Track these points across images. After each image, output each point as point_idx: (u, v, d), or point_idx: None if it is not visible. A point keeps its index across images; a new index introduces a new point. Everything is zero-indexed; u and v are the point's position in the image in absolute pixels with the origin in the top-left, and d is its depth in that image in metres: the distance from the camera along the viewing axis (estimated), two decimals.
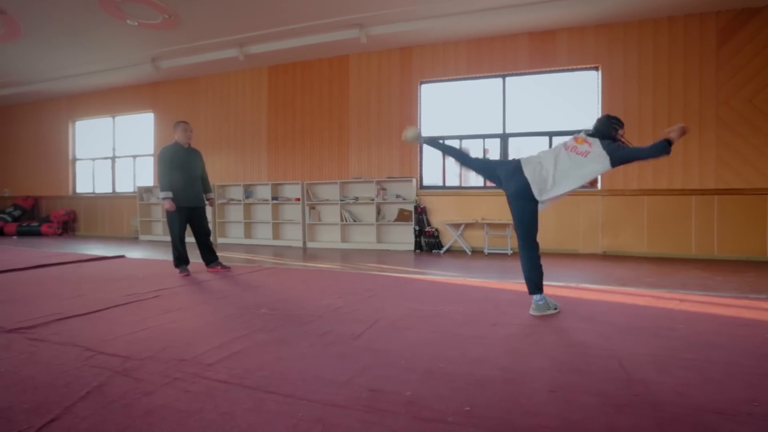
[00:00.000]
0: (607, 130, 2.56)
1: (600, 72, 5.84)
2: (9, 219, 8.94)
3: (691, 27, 5.45)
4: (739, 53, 5.30)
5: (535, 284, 2.51)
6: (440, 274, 4.09)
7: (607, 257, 5.55)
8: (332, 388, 1.48)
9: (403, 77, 6.63)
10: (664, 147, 2.26)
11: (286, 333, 2.13)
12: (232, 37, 6.39)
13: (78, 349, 1.86)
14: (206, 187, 4.23)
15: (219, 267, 4.12)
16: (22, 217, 9.19)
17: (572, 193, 5.87)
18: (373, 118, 6.79)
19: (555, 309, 2.55)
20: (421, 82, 6.60)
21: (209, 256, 4.15)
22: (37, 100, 9.51)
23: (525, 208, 2.50)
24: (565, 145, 2.58)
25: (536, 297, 2.51)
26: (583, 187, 3.02)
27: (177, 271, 3.96)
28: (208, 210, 4.37)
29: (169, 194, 3.81)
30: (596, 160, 2.43)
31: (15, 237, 8.42)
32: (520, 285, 3.30)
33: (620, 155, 2.41)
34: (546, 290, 2.58)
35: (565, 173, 2.46)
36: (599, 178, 5.76)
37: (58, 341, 1.98)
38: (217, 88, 7.86)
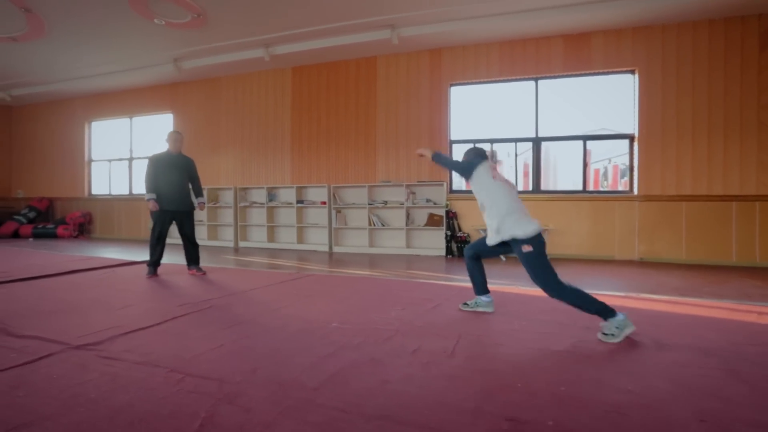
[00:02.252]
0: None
1: (637, 75, 5.73)
2: (24, 221, 8.79)
3: (732, 30, 5.35)
4: None
5: (600, 312, 2.17)
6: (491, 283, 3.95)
7: (644, 264, 5.42)
8: (465, 417, 1.35)
9: (432, 79, 6.52)
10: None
11: (373, 351, 2.00)
12: (258, 37, 6.27)
13: (161, 370, 1.72)
14: (197, 192, 4.45)
15: (195, 270, 4.30)
16: (36, 218, 9.04)
17: (606, 198, 5.82)
18: (401, 121, 6.67)
19: (629, 327, 2.15)
20: (451, 85, 6.49)
21: (190, 258, 4.33)
22: (52, 100, 9.37)
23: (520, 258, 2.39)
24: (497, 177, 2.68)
25: (611, 321, 2.16)
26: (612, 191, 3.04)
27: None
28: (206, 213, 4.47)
29: (153, 195, 4.07)
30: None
31: (31, 239, 8.27)
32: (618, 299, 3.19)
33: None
34: (607, 300, 2.39)
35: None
36: (627, 182, 5.65)
37: (134, 360, 1.84)
38: (239, 89, 7.74)
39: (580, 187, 6.10)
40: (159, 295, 3.26)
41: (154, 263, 4.18)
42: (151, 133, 8.68)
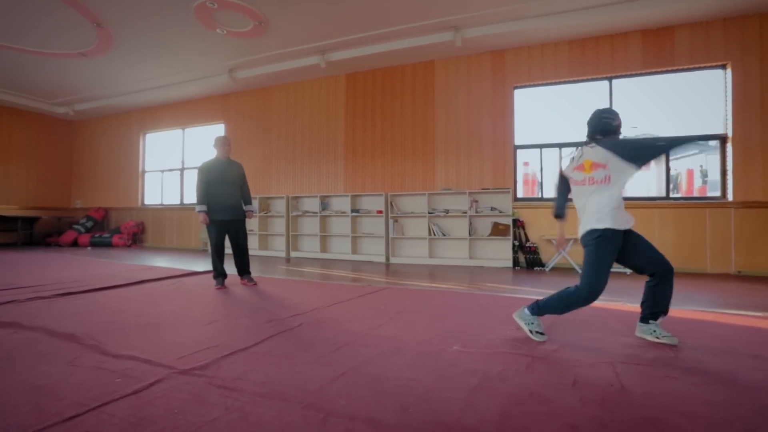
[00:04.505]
0: (604, 126, 2.23)
1: (729, 70, 5.20)
2: (82, 230, 9.05)
3: None
4: None
5: (544, 307, 2.27)
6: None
7: (743, 278, 4.81)
8: None
9: (495, 82, 6.20)
10: (683, 144, 2.11)
11: (524, 382, 1.66)
12: (315, 44, 6.19)
13: (295, 407, 1.45)
14: (246, 199, 4.20)
15: (246, 280, 4.12)
16: (93, 228, 9.30)
17: (695, 205, 5.25)
18: (462, 126, 6.37)
19: (537, 332, 2.27)
20: (515, 87, 6.14)
21: (242, 268, 4.16)
22: (110, 113, 9.71)
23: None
24: (571, 181, 2.33)
25: (530, 309, 2.32)
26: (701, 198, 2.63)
27: (214, 283, 4.01)
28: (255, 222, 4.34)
29: (204, 207, 3.90)
30: (621, 177, 2.10)
31: (89, 248, 8.47)
32: (707, 314, 2.75)
33: (642, 155, 2.07)
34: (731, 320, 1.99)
35: (589, 209, 2.21)
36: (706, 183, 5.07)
37: (254, 391, 1.59)
38: (290, 97, 7.69)
39: (661, 194, 5.56)
40: (240, 310, 3.06)
41: (221, 274, 4.02)
42: (203, 144, 8.78)
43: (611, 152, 2.09)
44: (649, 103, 5.70)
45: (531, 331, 2.27)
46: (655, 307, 2.20)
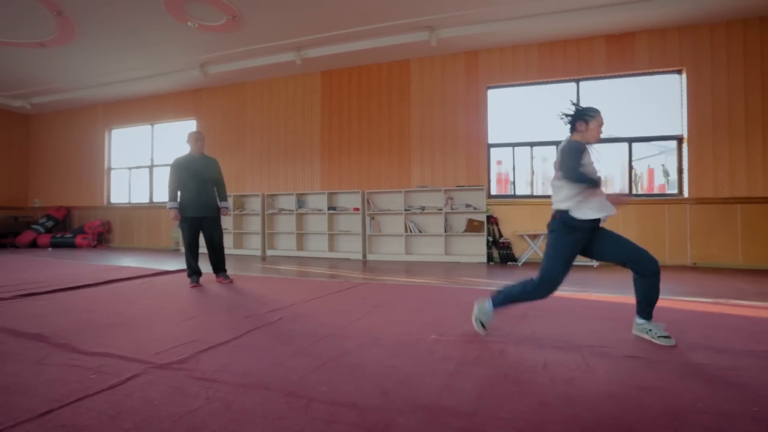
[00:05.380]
0: (572, 121, 2.25)
1: (684, 75, 5.55)
2: (42, 230, 8.58)
3: None
4: None
5: (502, 298, 2.21)
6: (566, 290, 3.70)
7: (698, 269, 5.16)
8: None
9: (469, 82, 6.35)
10: (582, 179, 2.01)
11: (499, 366, 1.75)
12: (291, 40, 6.13)
13: (277, 394, 1.47)
14: (221, 196, 4.12)
15: (222, 278, 4.05)
16: (54, 228, 8.83)
17: (655, 202, 5.58)
18: (437, 125, 6.48)
19: (483, 327, 2.24)
20: (488, 87, 6.32)
21: (217, 266, 4.08)
22: (72, 108, 9.25)
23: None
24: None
25: (487, 302, 2.24)
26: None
27: (189, 281, 3.91)
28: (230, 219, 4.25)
29: (175, 204, 3.85)
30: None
31: (50, 249, 8.04)
32: (669, 302, 2.96)
33: (564, 167, 2.08)
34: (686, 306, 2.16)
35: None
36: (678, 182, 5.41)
37: (236, 382, 1.59)
38: (265, 94, 7.58)
39: (624, 191, 5.87)
40: (217, 307, 3.02)
41: (195, 272, 3.93)
42: (173, 140, 8.51)
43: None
44: (614, 105, 6.00)
45: (483, 323, 2.23)
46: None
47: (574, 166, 2.03)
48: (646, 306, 2.10)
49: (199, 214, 3.88)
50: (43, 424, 1.25)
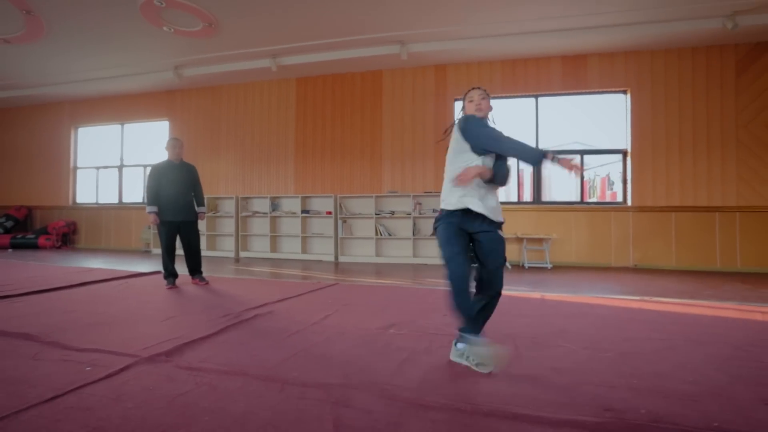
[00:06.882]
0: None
1: (629, 95, 6.15)
2: (0, 230, 8.30)
3: (713, 57, 5.86)
4: (756, 82, 5.73)
5: (459, 317, 1.90)
6: (519, 290, 4.12)
7: (639, 270, 5.76)
8: (565, 411, 1.46)
9: (437, 94, 6.74)
10: (535, 154, 1.76)
11: (446, 354, 2.08)
12: (266, 47, 6.31)
13: (256, 380, 1.73)
14: (199, 201, 4.32)
15: (198, 280, 4.23)
16: (14, 228, 8.55)
17: (603, 209, 6.16)
18: (407, 133, 6.83)
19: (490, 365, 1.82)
20: (455, 99, 6.73)
21: (193, 268, 4.26)
22: (36, 104, 8.97)
23: None
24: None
25: (463, 339, 1.91)
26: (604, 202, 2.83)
27: (165, 282, 4.08)
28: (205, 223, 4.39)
29: (154, 208, 4.00)
30: (455, 148, 1.98)
31: (10, 250, 7.81)
32: (599, 299, 3.41)
33: (477, 135, 1.88)
34: (612, 303, 2.62)
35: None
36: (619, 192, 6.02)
37: (219, 370, 1.84)
38: (240, 98, 7.70)
39: (576, 198, 6.44)
40: (194, 307, 3.21)
41: (172, 274, 4.09)
42: (145, 141, 8.45)
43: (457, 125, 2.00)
44: (570, 119, 6.57)
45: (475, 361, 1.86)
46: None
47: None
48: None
49: (177, 219, 4.06)
50: (53, 407, 1.47)
